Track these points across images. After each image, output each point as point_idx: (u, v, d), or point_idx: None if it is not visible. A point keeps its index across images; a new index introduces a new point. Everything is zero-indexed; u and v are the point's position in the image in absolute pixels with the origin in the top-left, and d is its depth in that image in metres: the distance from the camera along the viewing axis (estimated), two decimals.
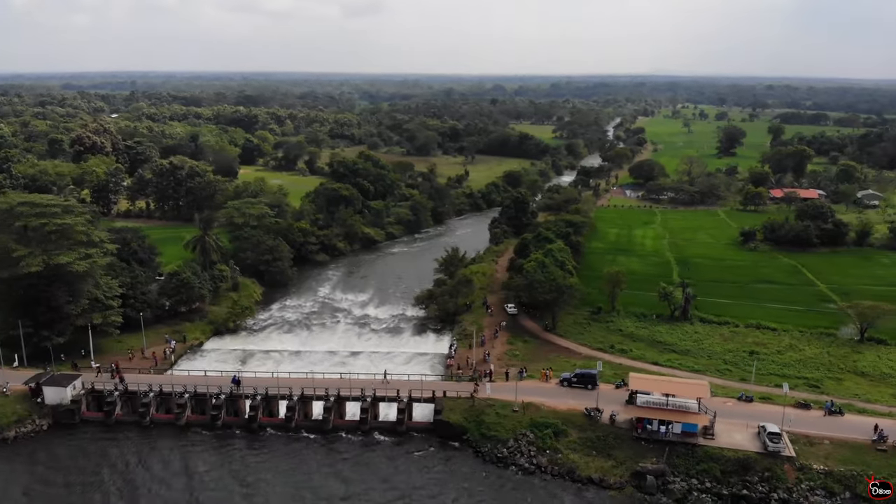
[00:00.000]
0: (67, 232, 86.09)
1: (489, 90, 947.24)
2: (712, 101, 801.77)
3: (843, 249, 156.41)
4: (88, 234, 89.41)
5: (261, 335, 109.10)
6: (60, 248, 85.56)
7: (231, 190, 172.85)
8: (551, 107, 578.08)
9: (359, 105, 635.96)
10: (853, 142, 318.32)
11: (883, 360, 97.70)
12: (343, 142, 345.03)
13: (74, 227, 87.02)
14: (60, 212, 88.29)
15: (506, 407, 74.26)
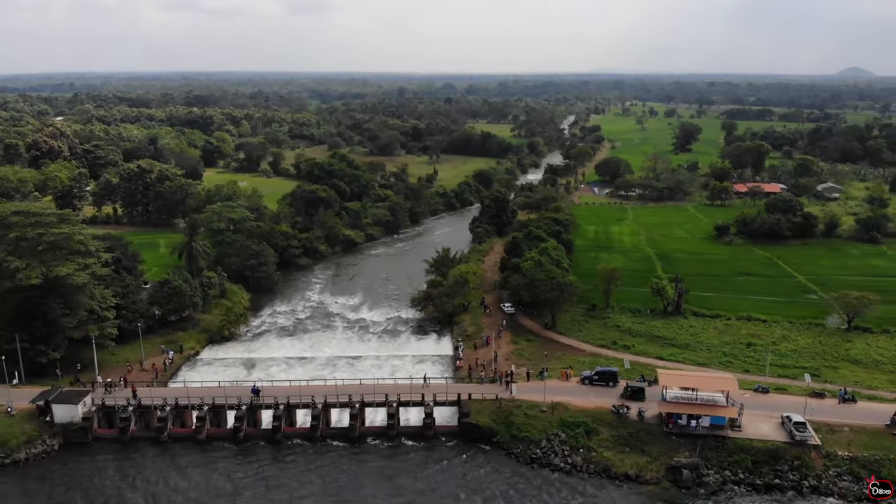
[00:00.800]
0: (65, 242, 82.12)
1: (440, 89, 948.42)
2: (659, 98, 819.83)
3: (813, 241, 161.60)
4: (85, 244, 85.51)
5: (257, 342, 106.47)
6: (57, 258, 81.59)
7: (203, 194, 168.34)
8: (505, 105, 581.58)
9: (310, 104, 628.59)
10: (804, 136, 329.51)
11: (872, 347, 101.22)
12: (303, 142, 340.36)
13: (73, 237, 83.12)
14: (57, 221, 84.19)
15: (533, 407, 74.16)
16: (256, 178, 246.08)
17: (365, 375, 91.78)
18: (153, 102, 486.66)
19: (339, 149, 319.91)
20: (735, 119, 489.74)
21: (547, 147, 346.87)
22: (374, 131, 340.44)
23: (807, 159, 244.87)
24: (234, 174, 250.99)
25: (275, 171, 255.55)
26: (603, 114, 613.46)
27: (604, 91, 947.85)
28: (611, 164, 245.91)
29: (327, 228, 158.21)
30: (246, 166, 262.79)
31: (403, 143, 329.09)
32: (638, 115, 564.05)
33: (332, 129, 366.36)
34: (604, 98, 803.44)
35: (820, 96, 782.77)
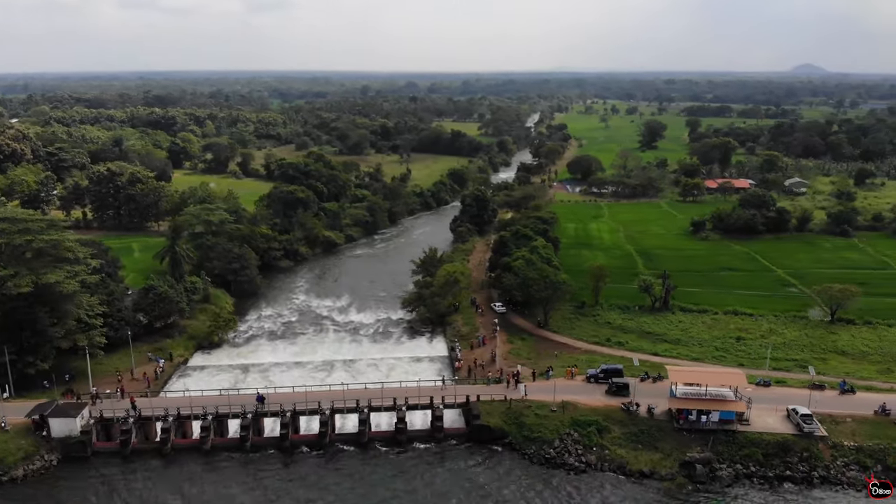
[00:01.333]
0: (53, 249, 78.97)
1: (402, 87, 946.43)
2: (619, 96, 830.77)
3: (787, 235, 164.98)
4: (73, 250, 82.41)
5: (248, 348, 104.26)
6: (45, 266, 78.41)
7: (177, 196, 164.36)
8: (470, 104, 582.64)
9: (272, 103, 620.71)
10: (766, 132, 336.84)
11: (857, 338, 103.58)
12: (269, 142, 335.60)
13: (62, 244, 80.00)
14: (45, 227, 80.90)
15: (543, 407, 73.93)
16: (225, 179, 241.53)
17: (362, 378, 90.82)
18: (111, 103, 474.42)
19: (307, 148, 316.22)
20: (695, 116, 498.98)
21: (516, 145, 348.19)
22: (343, 130, 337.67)
23: (772, 155, 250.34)
24: (202, 175, 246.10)
25: (244, 171, 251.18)
26: (566, 112, 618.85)
27: (565, 89, 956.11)
28: (583, 162, 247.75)
29: (307, 230, 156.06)
30: (214, 167, 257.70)
31: (373, 143, 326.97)
32: (601, 113, 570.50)
33: (299, 129, 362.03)
34: (565, 96, 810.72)
35: (775, 93, 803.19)
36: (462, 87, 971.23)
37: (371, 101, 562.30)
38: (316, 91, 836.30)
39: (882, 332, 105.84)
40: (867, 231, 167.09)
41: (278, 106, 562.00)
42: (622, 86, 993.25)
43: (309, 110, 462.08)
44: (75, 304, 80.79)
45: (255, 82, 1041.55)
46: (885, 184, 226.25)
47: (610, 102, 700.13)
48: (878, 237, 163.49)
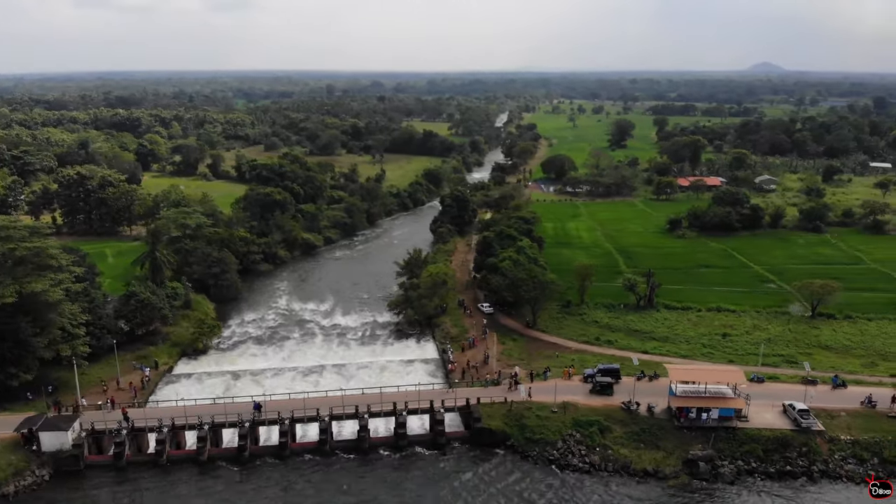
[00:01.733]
0: (36, 256, 76.14)
1: (368, 87, 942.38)
2: (584, 95, 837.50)
3: (761, 232, 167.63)
4: (56, 258, 79.63)
5: (232, 354, 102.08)
6: (28, 274, 75.58)
7: (149, 200, 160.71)
8: (438, 104, 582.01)
9: (237, 103, 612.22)
10: (733, 130, 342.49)
11: (839, 333, 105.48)
12: (237, 143, 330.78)
13: (45, 251, 77.19)
14: (28, 234, 77.96)
15: (543, 408, 73.69)
16: (195, 181, 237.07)
17: (354, 383, 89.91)
18: (71, 104, 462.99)
19: (277, 149, 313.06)
20: (660, 115, 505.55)
21: (487, 145, 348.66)
22: (313, 131, 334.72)
23: (741, 153, 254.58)
24: (171, 178, 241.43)
25: (214, 173, 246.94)
26: (534, 112, 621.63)
27: (531, 89, 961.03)
28: (556, 161, 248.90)
29: (285, 232, 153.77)
30: (182, 169, 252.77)
31: (344, 143, 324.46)
32: (568, 113, 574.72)
33: (267, 129, 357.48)
34: (532, 96, 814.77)
35: (736, 91, 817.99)
36: (428, 87, 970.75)
37: (339, 101, 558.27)
38: (280, 91, 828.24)
39: (862, 326, 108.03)
40: (838, 227, 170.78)
41: (243, 106, 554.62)
42: (587, 85, 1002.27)
43: (276, 110, 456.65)
44: (59, 313, 78.09)
45: (217, 82, 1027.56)
46: (852, 180, 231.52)
47: (576, 102, 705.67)
48: (848, 233, 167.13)
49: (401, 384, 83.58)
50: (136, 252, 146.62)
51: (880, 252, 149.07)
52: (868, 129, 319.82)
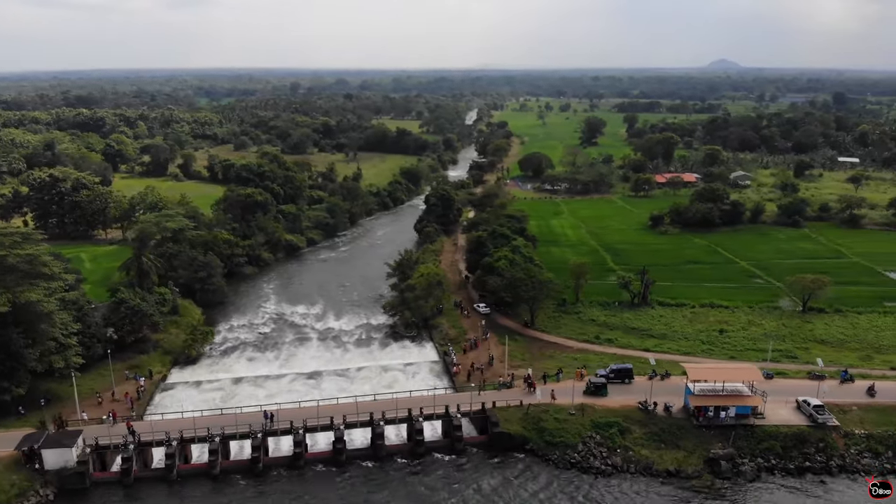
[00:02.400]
0: (30, 264, 72.41)
1: (332, 84, 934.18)
2: (549, 93, 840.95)
3: (742, 227, 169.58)
4: (50, 265, 75.94)
5: (226, 361, 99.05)
6: (20, 283, 71.87)
7: (125, 202, 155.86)
8: (406, 101, 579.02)
9: (199, 102, 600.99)
10: (701, 127, 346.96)
11: (832, 327, 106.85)
12: (206, 142, 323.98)
13: (40, 258, 73.47)
14: (20, 240, 74.10)
15: (560, 411, 72.77)
16: (165, 182, 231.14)
17: (357, 387, 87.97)
18: (30, 104, 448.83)
19: (247, 148, 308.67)
20: (626, 112, 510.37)
21: (460, 143, 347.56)
22: (284, 129, 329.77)
23: (714, 149, 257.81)
24: (140, 179, 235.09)
25: (186, 174, 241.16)
26: (502, 109, 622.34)
27: (496, 86, 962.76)
28: (533, 159, 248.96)
29: (268, 234, 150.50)
30: (152, 170, 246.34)
31: (316, 141, 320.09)
32: (535, 111, 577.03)
33: (236, 128, 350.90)
34: (498, 94, 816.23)
35: (697, 88, 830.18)
36: (394, 85, 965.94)
37: (307, 99, 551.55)
38: (243, 89, 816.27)
39: (853, 319, 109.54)
40: (815, 221, 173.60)
41: (207, 104, 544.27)
42: (551, 83, 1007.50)
43: (243, 108, 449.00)
44: (52, 323, 74.52)
45: (176, 80, 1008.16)
46: (823, 175, 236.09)
47: (543, 100, 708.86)
48: (826, 227, 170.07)
49: (407, 388, 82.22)
50: (112, 256, 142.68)
51: (859, 246, 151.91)
52: (834, 124, 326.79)
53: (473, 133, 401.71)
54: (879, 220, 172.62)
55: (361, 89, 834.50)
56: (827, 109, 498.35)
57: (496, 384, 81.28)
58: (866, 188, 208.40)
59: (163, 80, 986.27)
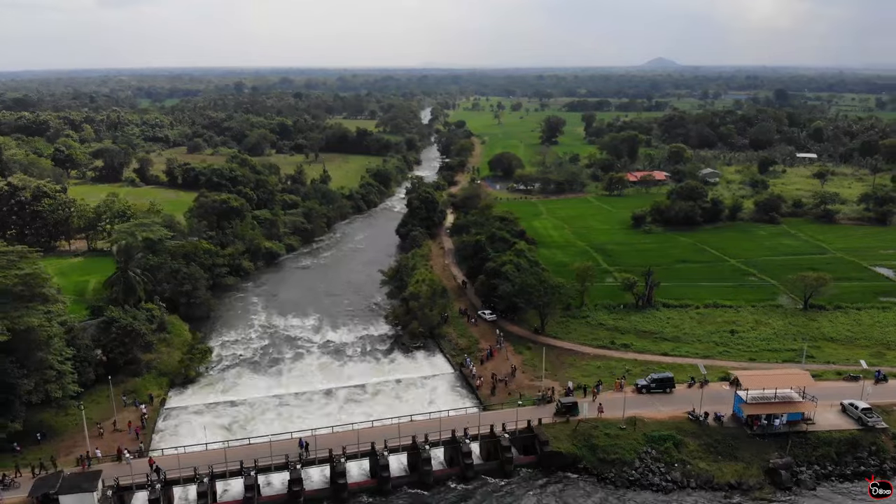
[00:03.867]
0: (26, 285, 64.99)
1: (276, 84, 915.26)
2: (497, 92, 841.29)
3: (722, 225, 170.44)
4: (49, 285, 68.59)
5: (227, 381, 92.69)
6: (16, 306, 64.46)
7: (91, 211, 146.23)
8: (357, 100, 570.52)
9: (140, 103, 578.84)
10: (658, 125, 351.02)
11: (836, 324, 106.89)
12: (157, 145, 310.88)
13: (39, 278, 66.09)
14: (17, 259, 66.48)
15: (609, 425, 69.60)
16: (121, 188, 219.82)
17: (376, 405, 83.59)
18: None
19: (201, 151, 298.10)
20: (576, 111, 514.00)
21: (422, 143, 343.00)
22: (239, 130, 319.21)
23: (679, 147, 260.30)
24: (93, 185, 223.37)
25: (142, 178, 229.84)
26: (454, 108, 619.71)
27: (443, 85, 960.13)
28: (503, 159, 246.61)
29: (247, 242, 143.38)
30: (105, 175, 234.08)
31: (273, 143, 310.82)
32: (488, 110, 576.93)
33: (188, 130, 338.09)
34: (447, 92, 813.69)
35: (641, 86, 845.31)
36: (340, 84, 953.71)
37: (255, 98, 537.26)
38: (184, 89, 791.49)
39: (854, 315, 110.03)
40: (789, 217, 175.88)
41: (150, 105, 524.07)
42: (498, 82, 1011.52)
43: (192, 109, 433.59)
44: (51, 350, 67.33)
45: (112, 80, 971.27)
46: (786, 171, 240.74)
47: (493, 99, 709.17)
48: (801, 222, 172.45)
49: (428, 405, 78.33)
50: (81, 269, 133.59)
51: (839, 241, 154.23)
52: (786, 120, 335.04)
53: (432, 133, 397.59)
54: (852, 214, 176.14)
55: (307, 88, 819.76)
56: (769, 105, 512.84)
57: (533, 399, 77.55)
58: (830, 183, 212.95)
59: (99, 81, 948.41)
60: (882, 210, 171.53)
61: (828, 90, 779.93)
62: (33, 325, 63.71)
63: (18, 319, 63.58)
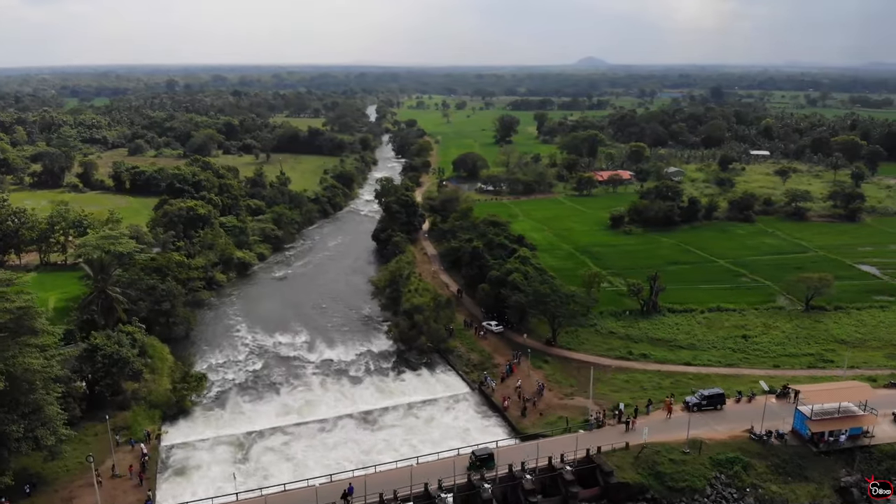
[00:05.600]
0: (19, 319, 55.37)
1: (209, 82, 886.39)
2: (437, 90, 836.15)
3: (699, 224, 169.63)
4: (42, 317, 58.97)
5: (225, 410, 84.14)
6: (9, 345, 54.82)
7: (43, 222, 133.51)
8: (299, 98, 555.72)
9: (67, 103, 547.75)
10: (609, 123, 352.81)
11: (843, 326, 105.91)
12: (95, 147, 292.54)
13: (33, 310, 56.45)
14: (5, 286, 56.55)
15: (671, 450, 65.02)
16: (62, 193, 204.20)
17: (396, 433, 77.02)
18: None
19: (143, 153, 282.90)
20: (521, 110, 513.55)
21: (374, 142, 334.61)
22: (184, 130, 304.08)
23: (639, 146, 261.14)
24: (33, 191, 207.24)
25: (86, 183, 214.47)
26: (398, 107, 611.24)
27: (382, 83, 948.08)
28: (467, 159, 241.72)
29: (218, 252, 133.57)
30: (45, 180, 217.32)
31: (220, 143, 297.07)
32: (433, 108, 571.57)
33: (127, 131, 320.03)
34: (388, 90, 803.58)
35: (579, 85, 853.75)
36: (275, 81, 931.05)
37: (196, 97, 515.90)
38: (112, 87, 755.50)
39: (856, 316, 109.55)
40: (761, 215, 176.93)
41: (79, 105, 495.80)
42: (437, 80, 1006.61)
43: (129, 109, 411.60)
44: (48, 391, 57.99)
45: (34, 79, 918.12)
46: (746, 168, 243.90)
47: (436, 97, 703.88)
48: (774, 220, 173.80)
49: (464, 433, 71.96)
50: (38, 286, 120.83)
51: (817, 239, 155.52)
52: (734, 118, 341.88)
53: (382, 131, 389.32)
54: (822, 212, 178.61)
55: (242, 86, 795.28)
56: (706, 103, 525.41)
57: (579, 422, 72.25)
58: (790, 181, 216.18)
59: (20, 80, 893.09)
60: (851, 207, 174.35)
61: (757, 87, 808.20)
62: (33, 368, 54.35)
63: (13, 360, 54.09)
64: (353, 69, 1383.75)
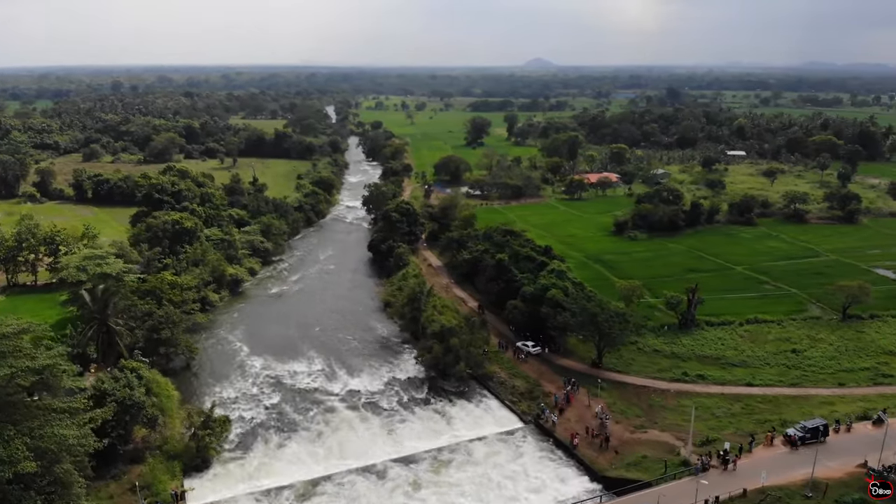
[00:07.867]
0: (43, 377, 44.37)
1: (155, 82, 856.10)
2: (393, 91, 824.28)
3: (702, 229, 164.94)
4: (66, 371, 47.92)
5: (253, 455, 73.90)
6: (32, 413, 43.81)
7: (11, 239, 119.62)
8: (253, 99, 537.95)
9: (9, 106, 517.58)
10: (580, 125, 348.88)
11: (885, 335, 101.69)
12: (47, 152, 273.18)
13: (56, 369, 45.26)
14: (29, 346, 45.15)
15: (792, 494, 58.02)
16: (18, 205, 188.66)
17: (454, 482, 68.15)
18: None
19: (99, 158, 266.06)
20: (480, 111, 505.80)
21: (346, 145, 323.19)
22: (142, 134, 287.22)
23: (621, 148, 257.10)
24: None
25: (44, 193, 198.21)
26: (357, 108, 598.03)
27: (334, 83, 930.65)
28: (450, 163, 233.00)
29: (209, 269, 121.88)
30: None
31: (181, 147, 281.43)
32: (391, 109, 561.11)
33: (79, 135, 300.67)
34: (341, 90, 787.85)
35: (534, 86, 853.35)
36: (225, 82, 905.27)
37: (148, 99, 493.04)
38: (53, 89, 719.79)
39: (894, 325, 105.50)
40: (760, 217, 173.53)
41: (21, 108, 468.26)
42: (391, 81, 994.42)
43: (78, 112, 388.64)
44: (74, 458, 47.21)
45: None
46: (728, 169, 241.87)
47: (394, 98, 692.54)
48: (774, 223, 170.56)
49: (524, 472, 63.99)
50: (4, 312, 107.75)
51: (824, 242, 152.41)
52: (704, 119, 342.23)
53: (347, 133, 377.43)
54: (820, 214, 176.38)
55: (190, 86, 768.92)
56: (662, 104, 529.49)
57: (685, 465, 64.51)
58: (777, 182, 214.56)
59: None
60: (849, 209, 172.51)
61: (706, 87, 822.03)
62: (66, 441, 43.49)
63: (40, 432, 43.12)
64: (301, 69, 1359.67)
